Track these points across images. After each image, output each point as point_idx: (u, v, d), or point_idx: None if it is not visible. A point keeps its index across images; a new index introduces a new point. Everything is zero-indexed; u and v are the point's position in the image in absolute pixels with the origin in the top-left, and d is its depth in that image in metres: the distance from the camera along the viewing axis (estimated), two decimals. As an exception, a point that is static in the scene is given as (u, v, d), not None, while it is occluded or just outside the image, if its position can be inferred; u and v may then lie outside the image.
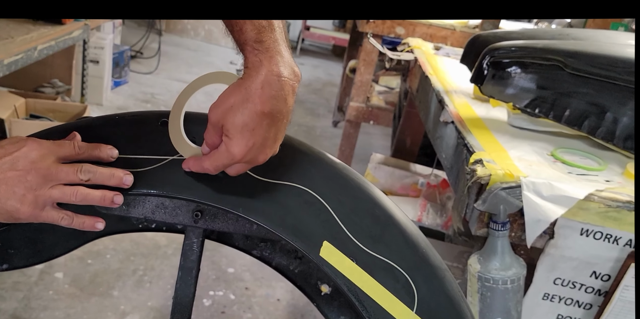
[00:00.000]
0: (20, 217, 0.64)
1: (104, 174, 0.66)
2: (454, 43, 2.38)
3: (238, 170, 0.67)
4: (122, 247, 2.19)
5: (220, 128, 0.64)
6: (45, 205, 0.64)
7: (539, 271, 0.86)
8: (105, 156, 0.68)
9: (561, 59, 0.96)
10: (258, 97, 0.62)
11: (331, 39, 6.33)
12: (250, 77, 0.62)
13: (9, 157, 0.63)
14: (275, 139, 0.65)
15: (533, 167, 0.89)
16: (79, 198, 0.65)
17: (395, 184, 1.78)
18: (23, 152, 0.63)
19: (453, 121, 1.12)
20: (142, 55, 4.75)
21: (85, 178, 0.65)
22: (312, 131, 4.00)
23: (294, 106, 0.67)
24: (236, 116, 0.62)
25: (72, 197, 0.64)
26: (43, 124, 2.49)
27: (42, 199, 0.63)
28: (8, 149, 0.63)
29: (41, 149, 0.64)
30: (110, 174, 0.67)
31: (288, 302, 2.06)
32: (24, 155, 0.63)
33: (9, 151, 0.63)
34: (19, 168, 0.62)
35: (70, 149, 0.66)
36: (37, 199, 0.63)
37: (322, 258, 0.67)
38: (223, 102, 0.64)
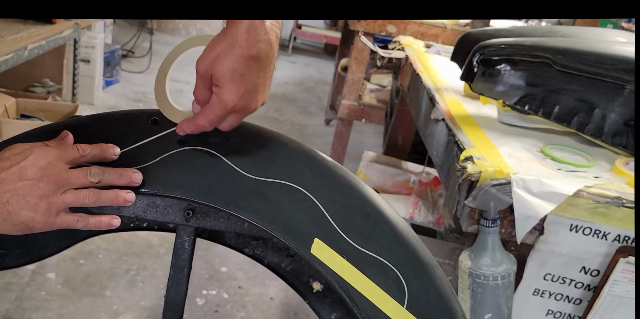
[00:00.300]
0: (35, 226, 0.63)
1: (113, 174, 0.66)
2: (445, 41, 2.39)
3: (232, 123, 0.66)
4: (115, 247, 2.18)
5: (209, 79, 0.63)
6: (59, 211, 0.64)
7: (529, 267, 0.87)
8: (109, 155, 0.68)
9: (550, 56, 0.96)
10: (244, 42, 0.61)
11: (323, 38, 6.33)
12: (234, 24, 0.62)
13: (16, 167, 0.62)
14: (264, 84, 0.64)
15: (523, 163, 0.90)
16: (92, 200, 0.64)
17: (388, 182, 1.78)
18: (30, 161, 0.62)
19: (444, 118, 1.13)
20: (133, 54, 4.73)
21: (95, 180, 0.64)
22: (305, 129, 4.00)
23: (287, 104, 0.67)
24: (224, 63, 0.61)
25: (85, 199, 0.64)
26: (34, 123, 2.47)
27: (56, 205, 0.63)
28: (14, 159, 0.62)
29: (48, 155, 0.63)
30: (119, 174, 0.67)
31: (281, 300, 2.07)
32: (32, 163, 0.62)
33: (16, 161, 0.62)
34: (29, 177, 0.62)
35: (75, 152, 0.66)
36: (51, 206, 0.62)
37: (313, 255, 0.67)
38: (210, 52, 0.63)
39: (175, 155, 0.72)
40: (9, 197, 0.61)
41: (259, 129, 0.75)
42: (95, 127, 0.73)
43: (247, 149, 0.72)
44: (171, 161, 0.71)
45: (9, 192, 0.61)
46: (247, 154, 0.72)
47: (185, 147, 0.72)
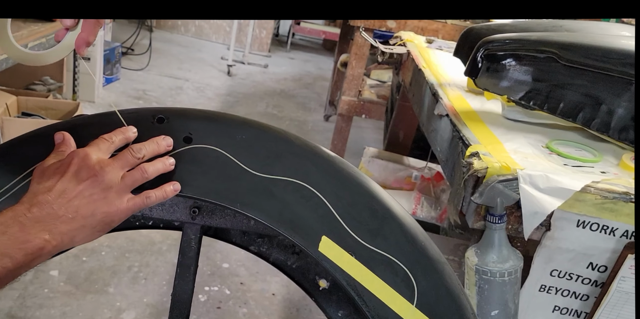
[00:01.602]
0: (113, 219, 0.65)
1: (152, 145, 0.68)
2: (446, 36, 2.38)
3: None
4: (117, 244, 2.18)
5: None
6: (127, 196, 0.66)
7: (535, 263, 0.87)
8: (130, 135, 0.70)
9: (555, 50, 0.96)
10: None
11: (322, 33, 6.31)
12: None
13: (69, 174, 0.63)
14: None
15: (529, 159, 0.89)
16: (150, 172, 0.67)
17: (389, 178, 1.78)
18: (77, 164, 0.64)
19: (447, 114, 1.12)
20: (133, 51, 4.72)
21: (141, 155, 0.67)
22: (304, 125, 3.99)
23: (286, 100, 0.68)
24: None
25: (143, 174, 0.66)
26: (35, 121, 2.47)
27: (122, 191, 0.65)
28: (60, 169, 0.64)
29: (88, 153, 0.65)
30: (156, 143, 0.69)
31: (283, 296, 2.07)
32: (81, 165, 0.64)
33: (64, 170, 0.63)
34: (85, 177, 0.63)
35: (105, 143, 0.67)
36: (119, 193, 0.65)
37: (321, 253, 0.67)
38: None
39: (181, 153, 0.71)
40: (77, 203, 0.62)
41: (264, 126, 0.75)
42: (101, 126, 0.73)
43: (253, 147, 0.72)
44: (177, 159, 0.71)
45: (75, 199, 0.62)
46: (253, 152, 0.71)
47: (192, 145, 0.72)
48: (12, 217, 0.59)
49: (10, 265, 0.57)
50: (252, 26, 5.38)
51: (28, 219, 0.59)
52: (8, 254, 0.57)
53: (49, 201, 0.61)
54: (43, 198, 0.61)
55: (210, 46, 5.78)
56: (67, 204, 0.62)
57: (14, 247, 0.57)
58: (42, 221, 0.60)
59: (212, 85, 4.49)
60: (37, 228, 0.59)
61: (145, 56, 4.59)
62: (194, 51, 5.45)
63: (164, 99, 3.96)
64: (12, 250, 0.57)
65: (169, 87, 4.22)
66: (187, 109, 0.77)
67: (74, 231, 0.62)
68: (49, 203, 0.61)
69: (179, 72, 4.63)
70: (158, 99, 3.95)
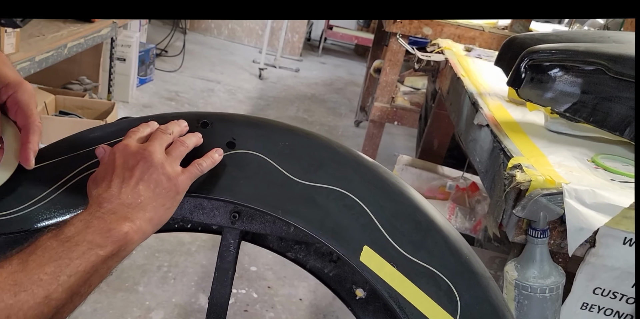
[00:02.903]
0: (178, 191, 0.67)
1: (174, 125, 0.71)
2: (482, 44, 2.35)
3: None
4: (147, 243, 2.21)
5: None
6: (179, 168, 0.67)
7: (578, 280, 0.85)
8: (184, 128, 0.72)
9: (604, 62, 0.93)
10: None
11: (354, 39, 6.31)
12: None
13: (118, 167, 0.66)
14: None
15: (574, 173, 0.87)
16: (187, 143, 0.69)
17: (423, 187, 1.76)
18: (121, 156, 0.66)
19: (488, 124, 1.10)
20: (166, 53, 4.78)
21: (170, 131, 0.69)
22: (334, 130, 3.99)
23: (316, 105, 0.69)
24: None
25: (183, 145, 0.69)
26: (72, 120, 2.52)
27: (173, 163, 0.67)
28: (109, 166, 0.66)
29: (127, 143, 0.67)
30: (176, 124, 0.71)
31: (310, 302, 2.06)
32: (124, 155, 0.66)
33: (111, 166, 0.66)
34: (134, 163, 0.65)
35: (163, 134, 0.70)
36: (172, 166, 0.66)
37: (362, 263, 0.66)
38: None
39: (224, 158, 0.71)
40: (140, 187, 0.64)
41: (307, 133, 0.75)
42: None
43: (296, 154, 0.72)
44: (220, 164, 0.71)
45: (136, 185, 0.65)
46: (295, 159, 0.71)
47: (235, 150, 0.72)
48: (88, 214, 0.62)
49: (102, 253, 0.59)
50: (284, 30, 5.41)
51: (103, 213, 0.62)
52: (98, 244, 0.59)
53: (114, 195, 0.63)
54: (107, 194, 0.63)
55: (243, 49, 5.83)
56: (132, 191, 0.64)
57: (101, 236, 0.60)
58: (116, 212, 0.62)
59: (243, 88, 4.53)
60: (114, 218, 0.62)
61: (179, 58, 4.65)
62: (226, 54, 5.50)
63: (196, 101, 4.01)
64: (100, 239, 0.60)
65: (200, 89, 4.26)
66: (231, 114, 0.77)
67: (148, 213, 0.65)
68: (114, 196, 0.63)
69: (211, 75, 4.68)
70: (190, 100, 4.00)
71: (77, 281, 0.57)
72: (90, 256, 0.58)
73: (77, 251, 0.58)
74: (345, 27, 6.39)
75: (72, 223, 0.61)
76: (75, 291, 0.58)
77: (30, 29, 2.40)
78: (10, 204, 0.70)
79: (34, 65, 2.19)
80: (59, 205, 0.69)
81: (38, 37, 2.35)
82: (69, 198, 0.70)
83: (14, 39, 2.04)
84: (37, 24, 2.49)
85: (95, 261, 0.59)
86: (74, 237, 0.59)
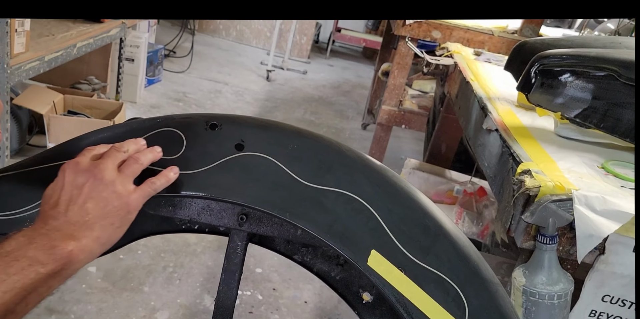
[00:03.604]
0: (129, 210, 0.65)
1: (130, 143, 0.69)
2: (492, 48, 2.34)
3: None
4: (153, 243, 2.21)
5: None
6: (132, 186, 0.66)
7: (587, 287, 0.84)
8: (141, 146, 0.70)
9: (615, 68, 0.93)
10: None
11: (362, 41, 6.31)
12: None
13: (67, 184, 0.65)
14: None
15: (584, 179, 0.87)
16: (142, 160, 0.67)
17: (430, 191, 1.75)
18: (71, 172, 0.65)
19: (497, 128, 1.10)
20: (175, 54, 4.80)
21: (124, 149, 0.68)
22: (341, 133, 3.99)
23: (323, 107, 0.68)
24: None
25: (137, 162, 0.67)
26: (80, 120, 2.53)
27: (125, 182, 0.66)
28: (58, 183, 0.65)
29: (78, 160, 0.66)
30: (132, 142, 0.69)
31: (315, 305, 2.06)
32: (74, 172, 0.65)
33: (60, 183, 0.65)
34: (84, 181, 0.64)
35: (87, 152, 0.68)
36: (123, 184, 0.65)
37: (370, 267, 0.66)
38: None
39: (232, 160, 0.71)
40: (88, 205, 0.63)
41: (316, 136, 0.74)
42: (155, 129, 0.73)
43: (305, 157, 0.71)
44: (228, 166, 0.71)
45: (84, 203, 0.63)
46: (304, 162, 0.71)
47: (243, 152, 0.72)
48: (33, 231, 0.60)
49: (42, 270, 0.57)
50: (292, 32, 5.41)
51: (48, 230, 0.60)
52: (39, 261, 0.57)
53: (61, 212, 0.62)
54: (54, 211, 0.62)
55: (251, 51, 5.84)
56: (79, 209, 0.63)
57: (44, 253, 0.58)
58: (61, 229, 0.61)
59: (250, 89, 4.53)
60: (59, 235, 0.60)
61: (187, 59, 4.67)
62: (234, 55, 5.51)
63: (203, 102, 4.02)
64: (42, 256, 0.58)
65: (208, 90, 4.27)
66: (240, 116, 0.77)
67: (96, 232, 0.63)
68: (61, 213, 0.62)
69: (219, 76, 4.69)
70: (197, 101, 4.00)
71: (12, 298, 0.55)
72: (29, 273, 0.56)
73: (16, 266, 0.56)
74: (354, 29, 6.39)
75: (14, 238, 0.59)
76: (10, 308, 0.55)
77: (40, 28, 2.41)
78: (17, 204, 0.70)
79: (43, 65, 2.20)
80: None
81: (48, 36, 2.36)
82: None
83: (24, 38, 2.05)
84: (46, 24, 2.51)
85: (35, 279, 0.57)
86: (14, 253, 0.57)
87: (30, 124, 2.58)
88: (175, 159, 0.71)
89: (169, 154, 0.71)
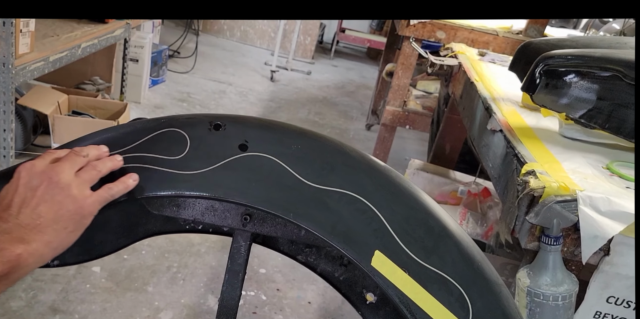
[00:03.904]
0: (83, 214, 0.64)
1: (90, 148, 0.69)
2: (496, 48, 2.34)
3: None
4: (157, 244, 2.21)
5: None
6: (88, 191, 0.65)
7: (591, 289, 0.84)
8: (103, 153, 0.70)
9: (621, 69, 0.92)
10: None
11: (366, 42, 6.31)
12: None
13: (21, 186, 0.64)
14: None
15: (589, 180, 0.86)
16: (99, 167, 0.67)
17: (434, 191, 1.75)
18: (26, 175, 0.64)
19: (501, 129, 1.10)
20: (179, 54, 4.81)
21: (84, 154, 0.67)
22: (345, 133, 3.99)
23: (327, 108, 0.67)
24: None
25: (95, 168, 0.67)
26: (85, 120, 2.54)
27: (81, 186, 0.65)
28: (12, 185, 0.64)
29: (34, 163, 0.65)
30: (93, 148, 0.69)
31: (319, 305, 2.06)
32: (29, 174, 0.64)
33: (14, 186, 0.64)
34: (38, 183, 0.63)
35: (47, 155, 0.68)
36: (79, 189, 0.64)
37: (374, 268, 0.66)
38: None
39: (236, 160, 0.71)
40: (41, 208, 0.62)
41: (320, 136, 0.74)
42: (160, 130, 0.74)
43: (309, 157, 0.71)
44: (232, 166, 0.71)
45: (37, 206, 0.62)
46: (308, 162, 0.71)
47: (247, 153, 0.72)
48: None
49: None
50: (296, 32, 5.42)
51: None
52: None
53: (12, 214, 0.61)
54: (6, 214, 0.61)
55: (255, 51, 5.85)
56: (32, 212, 0.62)
57: None
58: (11, 232, 0.60)
59: (254, 90, 4.54)
60: (8, 238, 0.59)
61: (191, 59, 4.68)
62: (238, 56, 5.52)
63: (207, 103, 4.02)
64: None
65: (212, 91, 4.28)
66: (243, 116, 0.77)
67: (47, 236, 0.62)
68: (12, 216, 0.61)
69: (223, 76, 4.69)
70: (202, 102, 4.01)
71: None
72: None
73: None
74: (358, 30, 6.39)
75: None
76: None
77: (45, 29, 2.42)
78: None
79: (48, 65, 2.21)
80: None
81: (52, 37, 2.37)
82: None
83: (29, 39, 2.06)
84: (51, 25, 2.52)
85: None
86: None
87: (35, 125, 2.59)
88: (179, 159, 0.71)
89: (173, 154, 0.72)
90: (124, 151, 0.72)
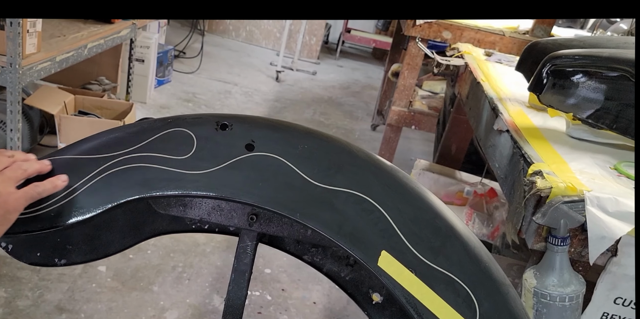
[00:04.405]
0: (8, 209, 0.66)
1: (17, 151, 0.71)
2: (503, 49, 2.33)
3: None
4: (163, 243, 2.22)
5: None
6: (12, 188, 0.67)
7: (599, 290, 0.83)
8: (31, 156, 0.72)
9: (629, 68, 0.92)
10: None
11: (372, 42, 6.30)
12: None
13: None
14: None
15: (596, 181, 0.86)
16: (25, 167, 0.68)
17: (440, 192, 1.75)
18: None
19: (508, 129, 1.09)
20: (184, 55, 4.82)
21: (9, 154, 0.70)
22: (351, 133, 3.98)
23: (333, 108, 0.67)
24: None
25: (21, 167, 0.68)
26: (91, 120, 2.55)
27: (5, 183, 0.66)
28: None
29: None
30: (19, 151, 0.72)
31: (324, 305, 2.06)
32: None
33: None
34: None
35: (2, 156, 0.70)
36: (3, 185, 0.65)
37: (380, 268, 0.66)
38: None
39: (243, 160, 0.71)
40: None
41: (327, 136, 0.74)
42: (166, 130, 0.74)
43: (315, 157, 0.71)
44: (239, 166, 0.71)
45: None
46: (314, 162, 0.71)
47: (254, 153, 0.72)
48: None
49: None
50: (302, 33, 5.42)
51: None
52: None
53: None
54: None
55: (260, 51, 5.85)
56: None
57: None
58: None
59: (260, 90, 4.54)
60: None
61: (197, 60, 4.68)
62: (244, 56, 5.53)
63: (213, 103, 4.03)
64: None
65: (217, 91, 4.29)
66: (250, 116, 0.77)
67: None
68: None
69: (228, 77, 4.70)
70: (207, 102, 4.02)
71: None
72: None
73: None
74: (363, 30, 6.38)
75: None
76: None
77: (52, 29, 2.43)
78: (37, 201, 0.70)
79: (55, 65, 2.22)
80: (82, 203, 0.70)
81: (59, 37, 2.38)
82: (92, 196, 0.70)
83: (36, 39, 2.07)
84: (58, 25, 2.53)
85: None
86: None
87: (42, 124, 2.60)
88: (186, 159, 0.71)
89: (180, 154, 0.72)
90: (131, 151, 0.72)
